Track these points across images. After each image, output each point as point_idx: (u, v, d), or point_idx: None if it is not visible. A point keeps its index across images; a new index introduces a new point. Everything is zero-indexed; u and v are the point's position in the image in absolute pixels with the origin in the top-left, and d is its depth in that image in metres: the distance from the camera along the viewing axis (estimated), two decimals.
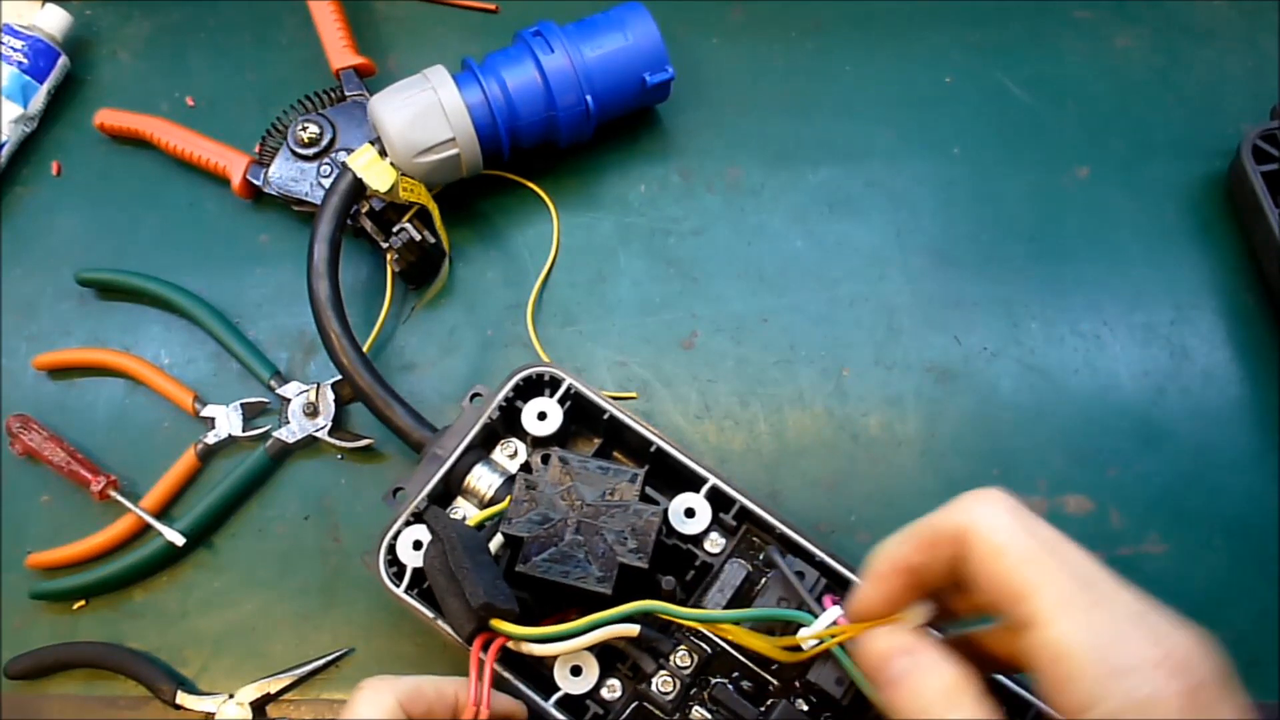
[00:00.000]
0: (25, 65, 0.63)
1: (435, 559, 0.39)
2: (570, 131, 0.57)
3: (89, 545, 0.54)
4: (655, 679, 0.40)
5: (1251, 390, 0.54)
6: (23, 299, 0.61)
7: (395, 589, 0.42)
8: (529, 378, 0.45)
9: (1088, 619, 0.27)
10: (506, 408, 0.45)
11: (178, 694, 0.50)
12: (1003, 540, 0.28)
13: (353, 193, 0.53)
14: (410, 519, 0.44)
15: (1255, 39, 0.61)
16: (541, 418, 0.45)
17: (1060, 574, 0.28)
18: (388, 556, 0.43)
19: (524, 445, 0.45)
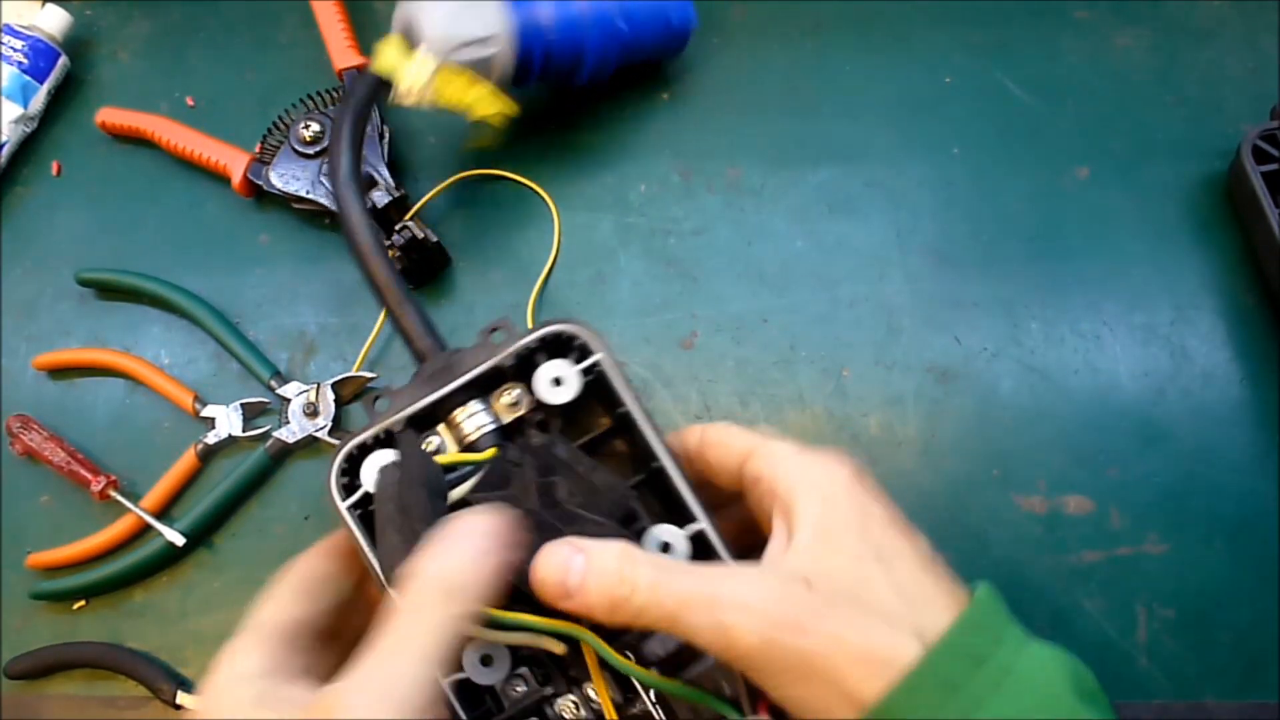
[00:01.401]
0: (25, 65, 0.63)
1: (390, 486, 0.35)
2: (595, 59, 0.57)
3: (89, 545, 0.54)
4: (561, 699, 0.36)
5: (1252, 391, 0.54)
6: (23, 299, 0.61)
7: (339, 501, 0.37)
8: (559, 335, 0.39)
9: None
10: (525, 356, 0.39)
11: (178, 694, 0.50)
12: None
13: (373, 95, 0.50)
14: (382, 435, 0.38)
15: (1255, 39, 0.61)
16: (557, 384, 0.38)
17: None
18: (344, 465, 0.38)
19: (526, 398, 0.39)
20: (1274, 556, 0.50)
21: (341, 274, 0.59)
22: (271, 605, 0.36)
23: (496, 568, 0.31)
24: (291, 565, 0.37)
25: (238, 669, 0.33)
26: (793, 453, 0.35)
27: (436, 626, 0.30)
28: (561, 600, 0.31)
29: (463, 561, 0.31)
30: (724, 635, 0.30)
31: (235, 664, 0.33)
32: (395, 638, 0.30)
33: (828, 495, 0.33)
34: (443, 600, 0.30)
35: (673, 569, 0.32)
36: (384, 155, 0.58)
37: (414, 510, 0.34)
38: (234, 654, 0.34)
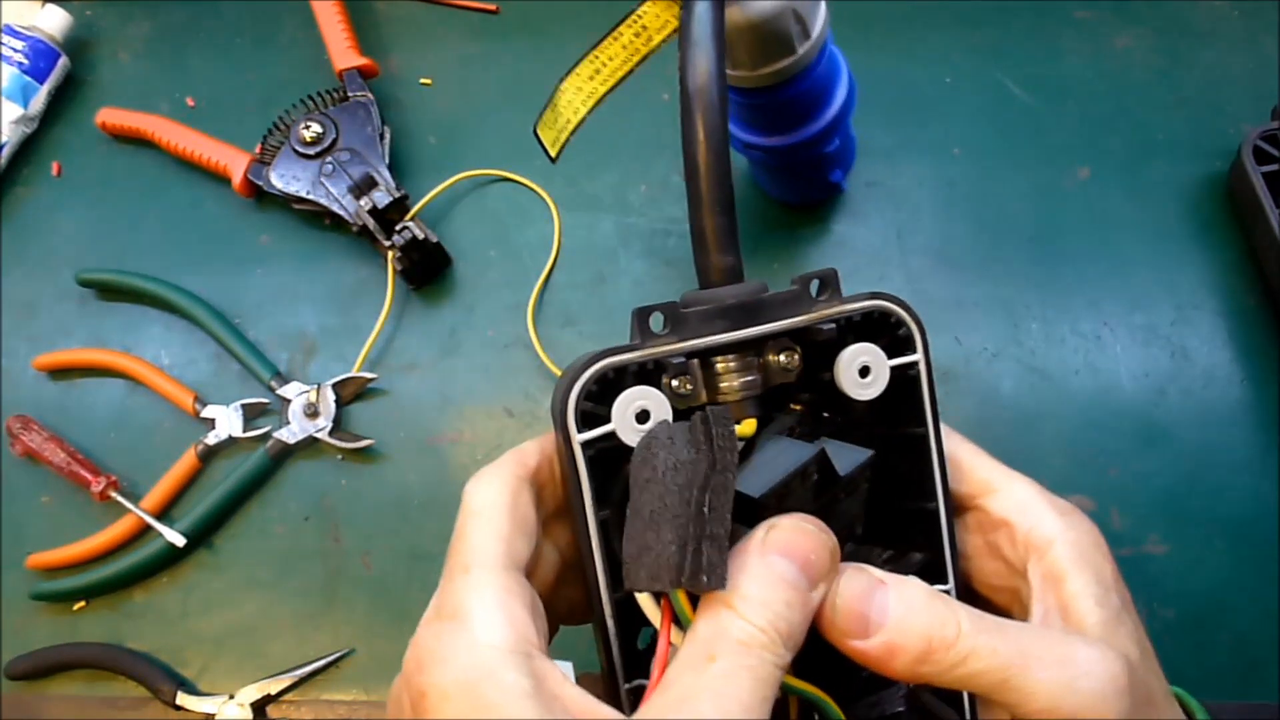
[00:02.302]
0: (26, 66, 0.63)
1: (680, 472, 0.26)
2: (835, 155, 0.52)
3: (89, 546, 0.54)
4: None
5: (1252, 391, 0.54)
6: (23, 299, 0.61)
7: (575, 431, 0.27)
8: (883, 314, 0.31)
9: None
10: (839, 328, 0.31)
11: (178, 695, 0.50)
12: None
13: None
14: (650, 366, 0.28)
15: (1256, 39, 0.61)
16: (864, 374, 0.31)
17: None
18: (591, 388, 0.28)
19: (801, 361, 0.30)
20: (1274, 557, 0.50)
21: (342, 274, 0.59)
22: (491, 536, 0.28)
23: (814, 609, 0.26)
24: (490, 485, 0.29)
25: (485, 635, 0.25)
26: (1046, 506, 0.31)
27: (764, 680, 0.24)
28: (855, 637, 0.26)
29: (790, 601, 0.25)
30: (1073, 699, 0.26)
31: (479, 628, 0.25)
32: (725, 685, 0.24)
33: (1098, 570, 0.30)
34: (770, 649, 0.25)
35: (989, 620, 0.27)
36: (384, 155, 0.58)
37: (716, 521, 0.25)
38: (471, 608, 0.26)
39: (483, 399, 0.56)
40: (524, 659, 0.25)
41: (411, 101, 0.64)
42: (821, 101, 0.49)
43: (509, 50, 0.65)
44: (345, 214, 0.56)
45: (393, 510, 0.54)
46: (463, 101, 0.63)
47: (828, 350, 0.31)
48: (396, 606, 0.52)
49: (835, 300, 0.31)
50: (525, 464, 0.30)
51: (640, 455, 0.27)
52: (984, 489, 0.32)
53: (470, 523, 0.28)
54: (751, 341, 0.29)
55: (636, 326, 0.29)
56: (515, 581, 0.27)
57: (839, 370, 0.31)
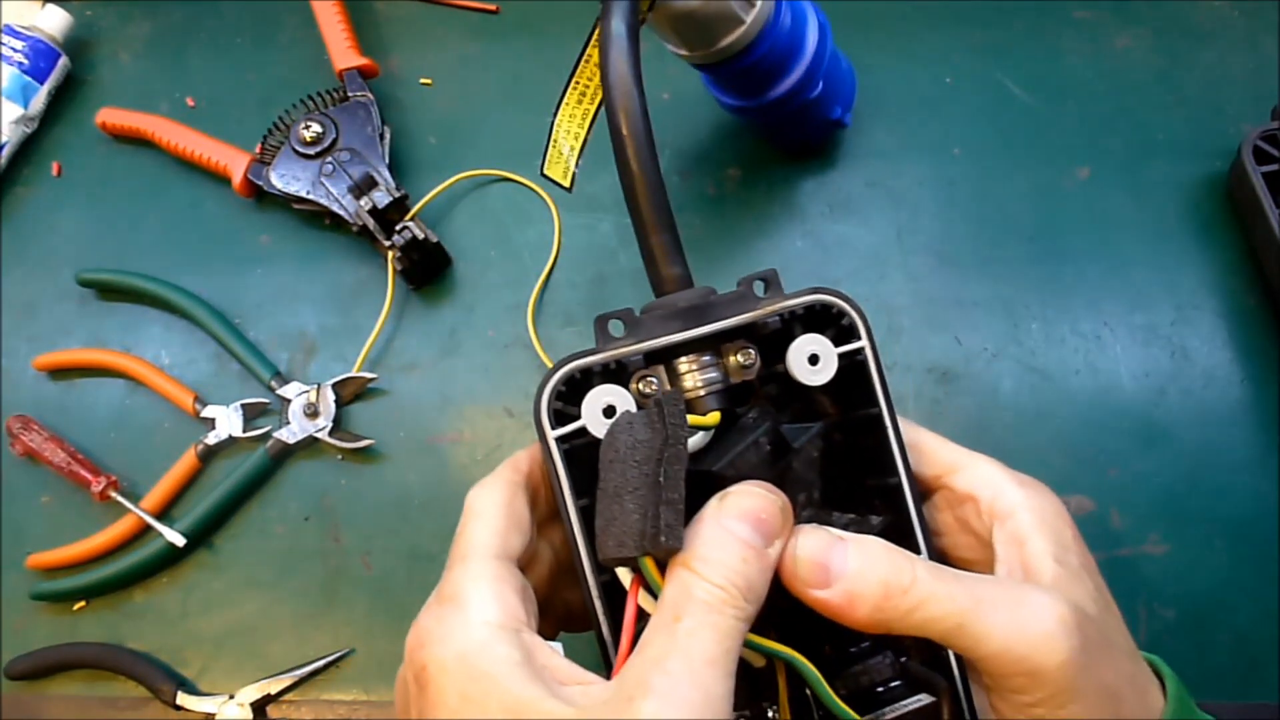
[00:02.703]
0: (26, 66, 0.63)
1: (638, 449, 0.29)
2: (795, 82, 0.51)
3: (89, 546, 0.54)
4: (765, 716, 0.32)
5: (1252, 391, 0.54)
6: (23, 299, 0.61)
7: (549, 428, 0.31)
8: (827, 308, 0.33)
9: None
10: (786, 320, 0.33)
11: (178, 694, 0.50)
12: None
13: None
14: (612, 366, 0.32)
15: (1256, 40, 0.61)
16: (813, 362, 0.33)
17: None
18: (560, 388, 0.32)
19: (758, 362, 0.33)
20: (1274, 557, 0.50)
21: (342, 274, 0.59)
22: (488, 532, 0.31)
23: (773, 564, 0.28)
24: (488, 490, 0.32)
25: (479, 614, 0.28)
26: (1007, 478, 0.33)
27: (727, 633, 0.26)
28: (816, 586, 0.28)
29: (746, 558, 0.27)
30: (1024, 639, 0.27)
31: (473, 608, 0.28)
32: (690, 643, 0.25)
33: (1058, 533, 0.32)
34: (731, 604, 0.26)
35: (947, 571, 0.28)
36: (384, 155, 0.58)
37: (670, 488, 0.28)
38: (466, 592, 0.29)
39: (483, 399, 0.56)
40: (514, 634, 0.28)
41: (411, 101, 0.64)
42: (791, 56, 0.49)
43: (509, 50, 0.65)
44: (345, 214, 0.56)
45: (393, 510, 0.54)
46: (463, 101, 0.63)
47: (782, 346, 0.33)
48: (396, 606, 0.52)
49: (778, 297, 0.34)
50: (519, 469, 0.34)
51: (606, 441, 0.30)
52: (949, 469, 0.35)
53: (470, 522, 0.32)
54: (706, 339, 0.33)
55: (597, 332, 0.33)
56: (507, 569, 0.30)
57: (790, 359, 0.33)
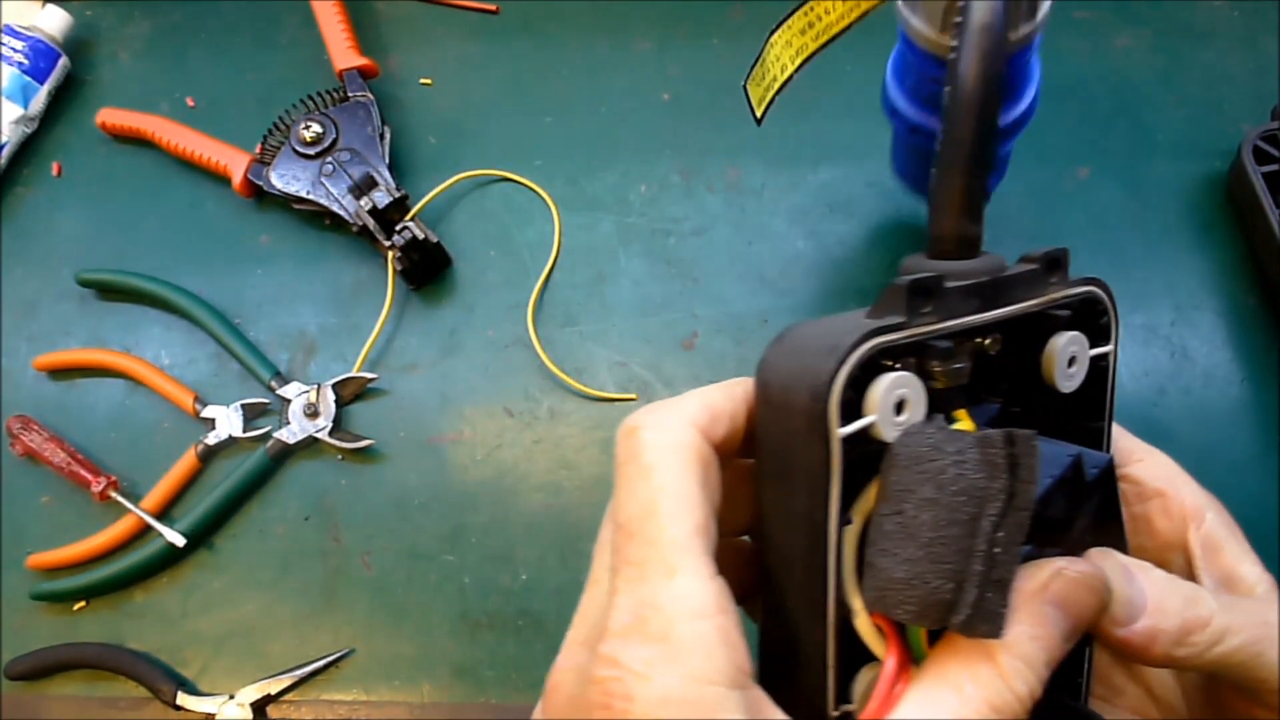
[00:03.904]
0: (26, 66, 0.63)
1: (963, 492, 0.22)
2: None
3: (89, 546, 0.54)
4: None
5: (1252, 391, 0.54)
6: (23, 299, 0.61)
7: (837, 424, 0.22)
8: (1091, 300, 0.28)
9: None
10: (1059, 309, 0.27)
11: (178, 695, 0.50)
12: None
13: None
14: (915, 346, 0.24)
15: (1256, 39, 0.61)
16: (1070, 364, 0.27)
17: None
18: (856, 373, 0.22)
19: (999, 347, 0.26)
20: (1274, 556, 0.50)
21: (342, 274, 0.59)
22: (688, 517, 0.23)
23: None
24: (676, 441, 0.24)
25: (704, 669, 0.21)
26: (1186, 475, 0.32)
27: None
28: (1120, 625, 0.25)
29: (1052, 662, 0.23)
30: None
31: (694, 658, 0.21)
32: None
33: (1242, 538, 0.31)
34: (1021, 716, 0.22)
35: (1226, 596, 0.26)
36: (384, 155, 0.58)
37: (1005, 564, 0.22)
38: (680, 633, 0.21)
39: (483, 399, 0.56)
40: (742, 694, 0.21)
41: (411, 101, 0.64)
42: (1015, 95, 0.46)
43: (509, 50, 0.65)
44: (345, 214, 0.56)
45: (393, 510, 0.54)
46: (463, 101, 0.63)
47: (1027, 336, 0.27)
48: (396, 606, 0.52)
49: (1063, 283, 0.27)
50: (713, 413, 0.24)
51: (912, 462, 0.22)
52: (1127, 458, 0.31)
53: (660, 497, 0.23)
54: (994, 325, 0.26)
55: (906, 300, 0.24)
56: (726, 594, 0.22)
57: (1049, 359, 0.27)
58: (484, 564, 0.52)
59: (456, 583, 0.52)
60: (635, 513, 0.23)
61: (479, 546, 0.53)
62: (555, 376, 0.56)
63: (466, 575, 0.52)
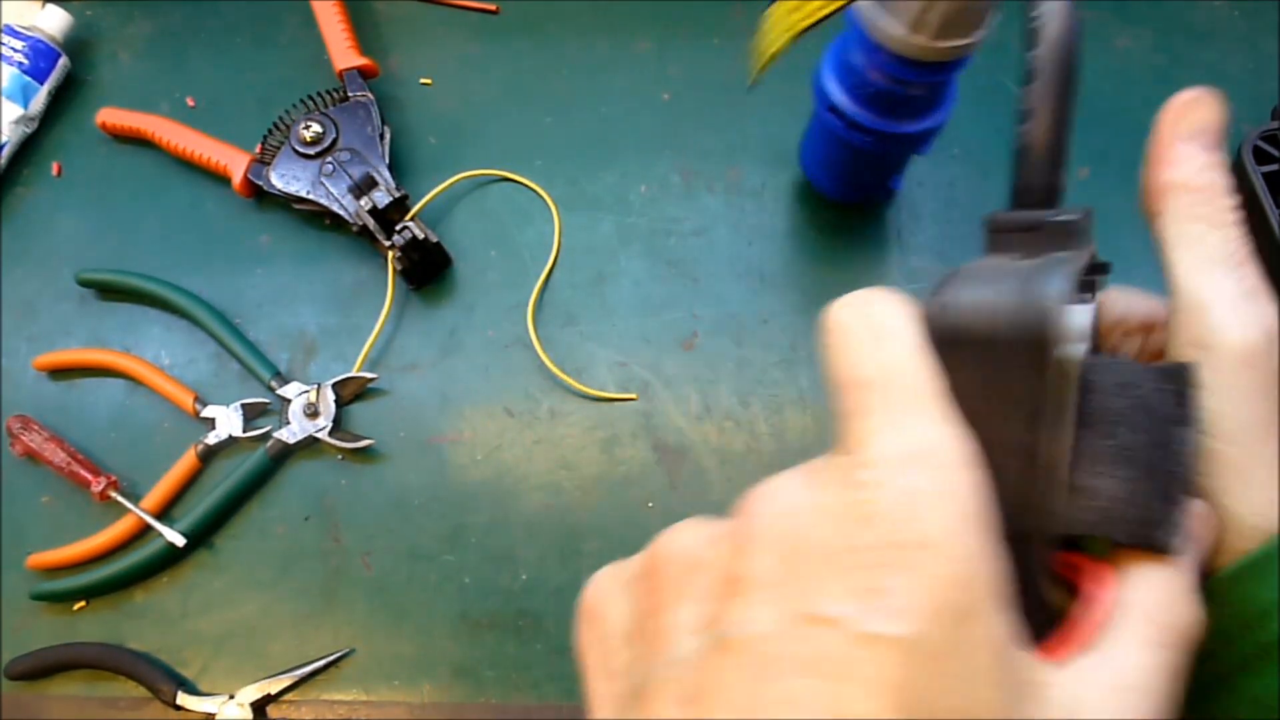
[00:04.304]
0: (26, 66, 0.63)
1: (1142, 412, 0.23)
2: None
3: (89, 546, 0.54)
4: None
5: None
6: (23, 299, 0.61)
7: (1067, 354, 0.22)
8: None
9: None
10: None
11: (178, 695, 0.50)
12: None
13: None
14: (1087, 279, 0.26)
15: (1256, 40, 0.61)
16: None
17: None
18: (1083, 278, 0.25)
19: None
20: None
21: (342, 274, 0.59)
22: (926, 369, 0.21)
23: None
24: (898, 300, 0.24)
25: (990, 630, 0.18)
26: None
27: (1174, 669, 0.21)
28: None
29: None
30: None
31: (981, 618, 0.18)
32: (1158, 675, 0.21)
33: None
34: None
35: None
36: (384, 155, 0.58)
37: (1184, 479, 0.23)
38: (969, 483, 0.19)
39: (483, 399, 0.56)
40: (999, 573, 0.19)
41: (411, 101, 0.64)
42: (946, 97, 0.49)
43: (509, 50, 0.65)
44: (345, 214, 0.56)
45: (393, 510, 0.54)
46: (463, 101, 0.63)
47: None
48: (396, 606, 0.52)
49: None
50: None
51: (1120, 390, 0.23)
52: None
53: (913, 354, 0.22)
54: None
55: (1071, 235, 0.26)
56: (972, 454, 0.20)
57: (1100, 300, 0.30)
58: (484, 564, 0.53)
59: (456, 583, 0.52)
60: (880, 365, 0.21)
61: (479, 546, 0.53)
62: (555, 376, 0.56)
63: (466, 575, 0.52)
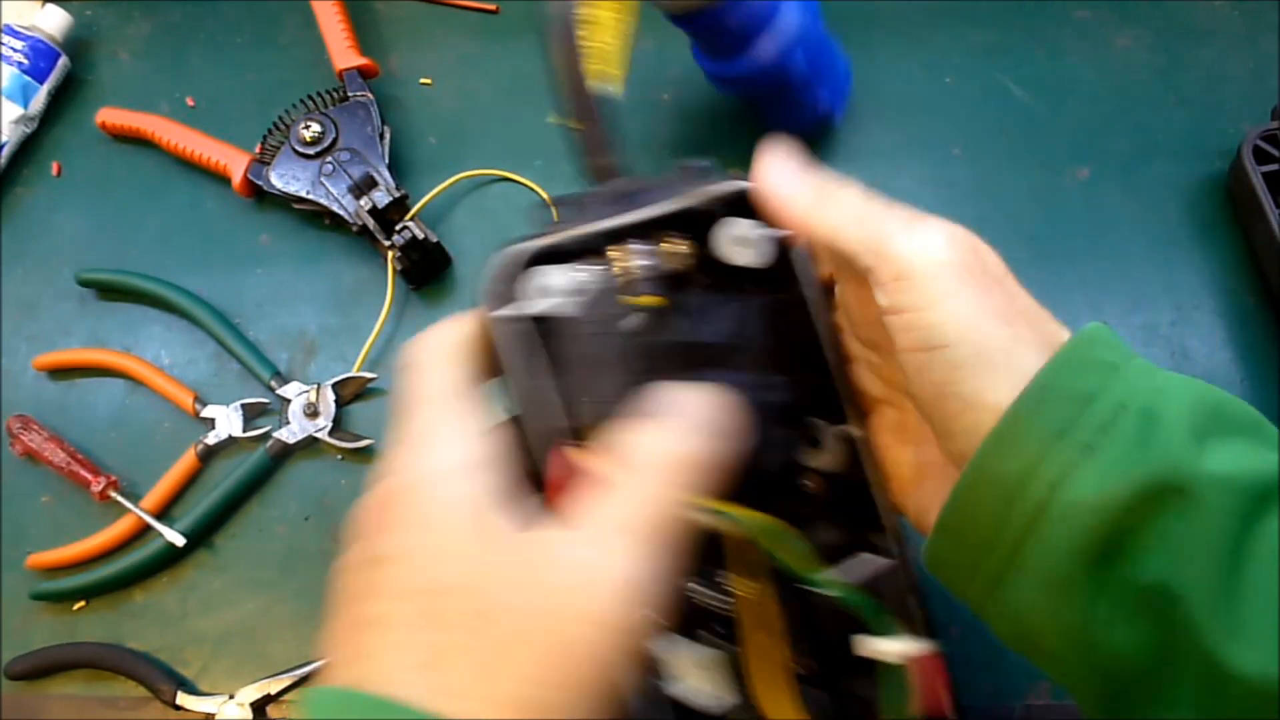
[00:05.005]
0: (25, 66, 0.63)
1: (584, 326, 0.31)
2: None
3: (89, 546, 0.54)
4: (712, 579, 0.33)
5: (1252, 391, 0.54)
6: (23, 299, 0.61)
7: (504, 308, 0.32)
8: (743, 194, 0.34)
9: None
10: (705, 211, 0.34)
11: (178, 694, 0.50)
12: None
13: None
14: (547, 251, 0.33)
15: (1256, 39, 0.61)
16: (742, 244, 0.33)
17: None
18: (511, 270, 0.32)
19: (692, 246, 0.33)
20: None
21: (342, 274, 0.59)
22: (444, 376, 0.30)
23: (721, 457, 0.28)
24: (432, 336, 0.31)
25: (446, 452, 0.27)
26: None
27: (662, 505, 0.26)
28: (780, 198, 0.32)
29: (690, 444, 0.28)
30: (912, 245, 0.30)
31: (440, 446, 0.27)
32: (618, 508, 0.26)
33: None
34: (670, 478, 0.27)
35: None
36: (384, 155, 0.58)
37: (613, 369, 0.30)
38: (430, 432, 0.28)
39: None
40: (486, 469, 0.27)
41: (411, 101, 0.64)
42: (767, 19, 0.50)
43: (509, 50, 0.65)
44: (345, 214, 0.56)
45: None
46: (463, 101, 0.63)
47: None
48: None
49: (709, 183, 0.34)
50: (461, 323, 0.32)
51: (559, 321, 0.32)
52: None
53: (419, 374, 0.30)
54: (641, 225, 0.33)
55: (532, 218, 0.34)
56: (473, 413, 0.29)
57: (714, 238, 0.34)
58: None
59: None
60: (405, 389, 0.30)
61: None
62: None
63: None
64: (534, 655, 0.24)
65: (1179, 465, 0.25)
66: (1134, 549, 0.25)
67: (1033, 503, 0.26)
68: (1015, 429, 0.26)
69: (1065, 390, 0.26)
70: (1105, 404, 0.26)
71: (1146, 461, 0.25)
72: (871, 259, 0.29)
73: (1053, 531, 0.26)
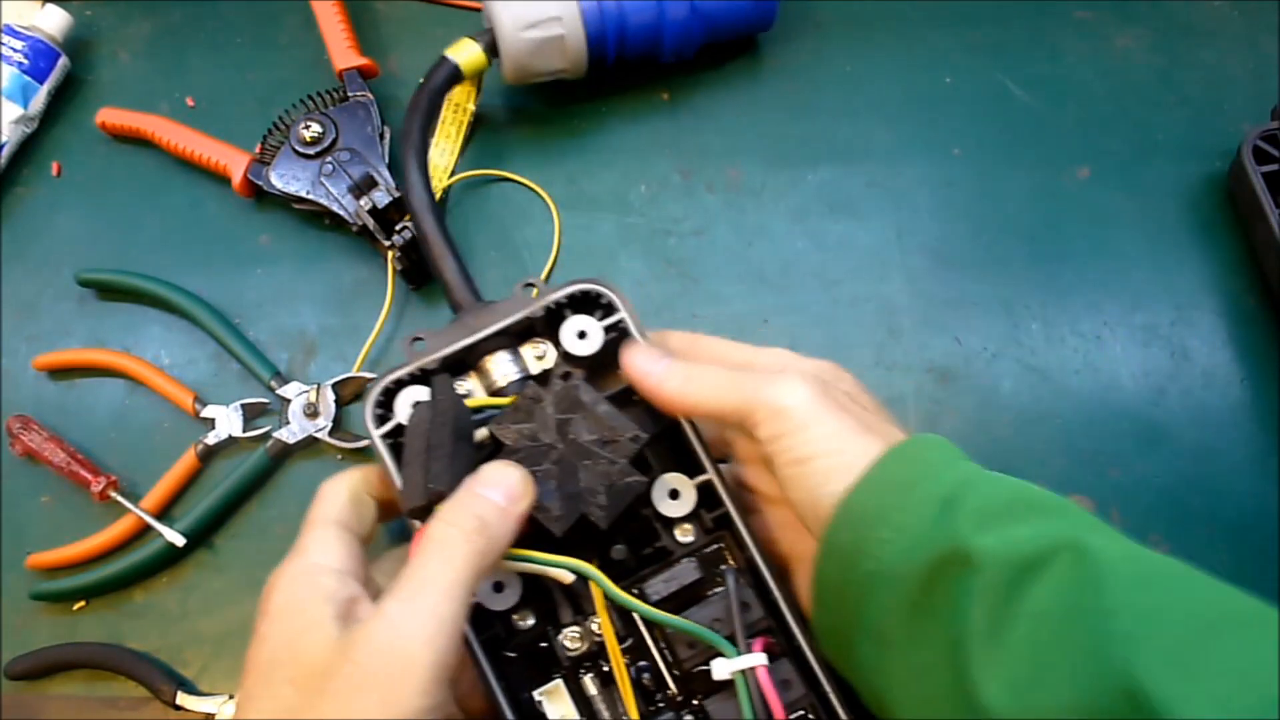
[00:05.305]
0: (25, 66, 0.63)
1: (422, 423, 0.38)
2: (675, 36, 0.58)
3: (89, 546, 0.54)
4: (566, 630, 0.39)
5: (1252, 391, 0.54)
6: (23, 299, 0.61)
7: (374, 429, 0.40)
8: (587, 294, 0.42)
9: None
10: (554, 310, 0.42)
11: (178, 695, 0.50)
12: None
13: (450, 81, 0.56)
14: (417, 373, 0.41)
15: (1256, 39, 0.61)
16: (582, 336, 0.42)
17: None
18: (380, 398, 0.41)
19: (554, 352, 0.42)
20: (1274, 557, 0.50)
21: (342, 274, 0.59)
22: (335, 507, 0.38)
23: (519, 514, 0.36)
24: (338, 479, 0.39)
25: (316, 559, 0.36)
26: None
27: (470, 555, 0.33)
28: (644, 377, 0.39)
29: (491, 506, 0.35)
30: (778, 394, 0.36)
31: (314, 553, 0.36)
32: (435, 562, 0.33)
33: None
34: (475, 534, 0.34)
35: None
36: (384, 155, 0.58)
37: (440, 450, 0.36)
38: (307, 544, 0.37)
39: None
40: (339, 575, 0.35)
41: None
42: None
43: None
44: (345, 214, 0.56)
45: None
46: None
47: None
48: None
49: (541, 296, 0.42)
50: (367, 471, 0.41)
51: (407, 426, 0.39)
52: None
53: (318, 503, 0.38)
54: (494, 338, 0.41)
55: (405, 349, 0.41)
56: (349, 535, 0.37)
57: (562, 336, 0.42)
58: None
59: None
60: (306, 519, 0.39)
61: None
62: None
63: None
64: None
65: (966, 541, 0.31)
66: (936, 607, 0.31)
67: (863, 572, 0.33)
68: (849, 511, 0.33)
69: (890, 479, 0.33)
70: (921, 492, 0.33)
71: (940, 539, 0.31)
72: (746, 415, 0.36)
73: (879, 595, 0.33)
